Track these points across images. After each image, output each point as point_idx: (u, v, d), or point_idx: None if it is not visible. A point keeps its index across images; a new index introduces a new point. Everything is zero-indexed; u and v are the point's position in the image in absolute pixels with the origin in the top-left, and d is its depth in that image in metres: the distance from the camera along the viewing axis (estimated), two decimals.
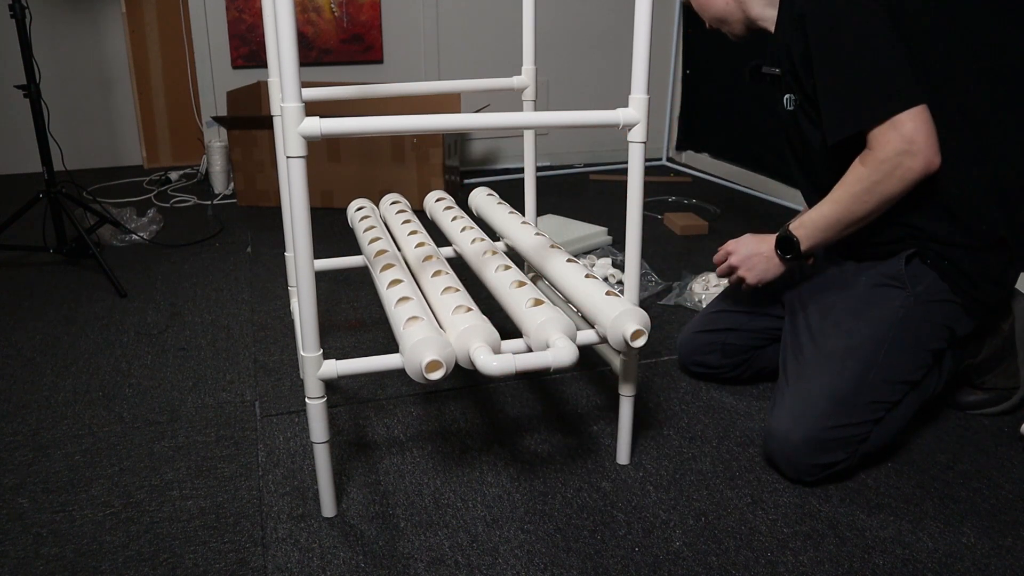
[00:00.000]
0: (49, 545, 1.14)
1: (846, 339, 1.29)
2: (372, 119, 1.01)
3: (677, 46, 3.66)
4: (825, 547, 1.13)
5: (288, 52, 0.94)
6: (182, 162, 3.64)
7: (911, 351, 1.29)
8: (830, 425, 1.22)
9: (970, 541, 1.14)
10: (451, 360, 1.07)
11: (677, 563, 1.10)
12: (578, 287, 1.23)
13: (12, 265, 2.33)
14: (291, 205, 1.01)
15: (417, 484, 1.28)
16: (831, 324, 1.32)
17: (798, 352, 1.34)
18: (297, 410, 1.51)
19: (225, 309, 2.01)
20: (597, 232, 2.45)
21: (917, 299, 1.30)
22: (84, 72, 3.49)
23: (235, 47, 3.31)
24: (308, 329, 1.08)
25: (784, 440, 1.24)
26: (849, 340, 1.28)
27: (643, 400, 1.54)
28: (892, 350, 1.27)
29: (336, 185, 2.90)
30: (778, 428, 1.25)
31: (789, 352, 1.37)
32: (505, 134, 3.66)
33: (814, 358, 1.30)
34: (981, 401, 1.46)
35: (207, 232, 2.66)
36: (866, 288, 1.34)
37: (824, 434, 1.22)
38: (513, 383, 1.62)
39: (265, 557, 1.12)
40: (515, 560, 1.11)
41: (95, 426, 1.46)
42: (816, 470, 1.24)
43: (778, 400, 1.30)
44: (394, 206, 1.66)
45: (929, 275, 1.30)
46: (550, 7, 3.49)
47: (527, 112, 1.40)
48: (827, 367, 1.27)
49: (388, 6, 3.38)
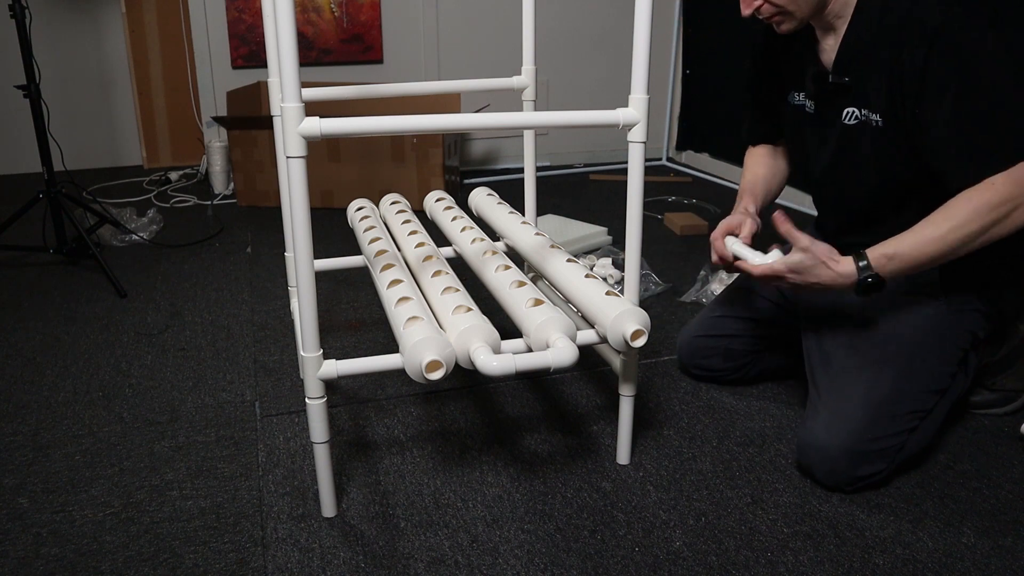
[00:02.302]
0: (49, 545, 1.14)
1: (881, 348, 1.26)
2: (372, 119, 1.01)
3: (677, 46, 3.66)
4: (825, 547, 1.13)
5: (288, 52, 0.94)
6: (182, 162, 3.64)
7: (944, 359, 1.28)
8: (869, 437, 1.20)
9: (970, 541, 1.14)
10: (451, 360, 1.07)
11: (677, 563, 1.10)
12: (578, 287, 1.23)
13: (12, 265, 2.33)
14: (291, 205, 1.01)
15: (417, 484, 1.28)
16: (863, 333, 1.30)
17: (827, 362, 1.31)
18: (297, 410, 1.51)
19: (225, 309, 2.01)
20: (597, 232, 2.44)
21: (950, 307, 1.29)
22: (84, 72, 3.49)
23: (235, 47, 3.31)
24: (308, 329, 1.08)
25: (823, 453, 1.22)
26: (885, 349, 1.26)
27: (643, 400, 1.54)
28: (928, 358, 1.26)
29: (336, 185, 2.90)
30: (815, 441, 1.23)
31: (816, 362, 1.33)
32: (505, 134, 3.66)
33: (847, 368, 1.27)
34: (989, 401, 1.45)
35: (207, 232, 2.66)
36: (898, 296, 1.31)
37: (864, 446, 1.20)
38: (513, 383, 1.62)
39: (265, 557, 1.12)
40: (515, 560, 1.11)
41: (95, 426, 1.46)
42: (856, 481, 1.22)
43: (811, 412, 1.27)
44: (394, 206, 1.66)
45: (961, 284, 1.29)
46: (550, 7, 3.49)
47: (527, 112, 1.40)
48: (863, 377, 1.24)
49: (388, 6, 3.38)
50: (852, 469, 1.21)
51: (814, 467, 1.24)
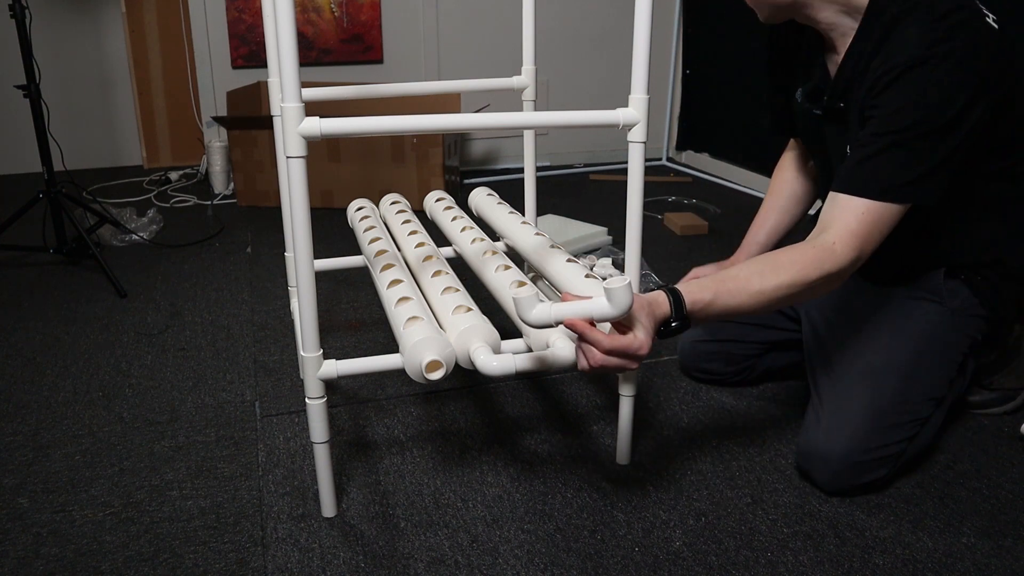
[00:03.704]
0: (49, 545, 1.14)
1: (885, 355, 1.25)
2: (372, 119, 1.01)
3: (677, 46, 3.66)
4: (825, 547, 1.13)
5: (288, 52, 0.94)
6: (182, 162, 3.64)
7: (945, 365, 1.27)
8: (871, 446, 1.20)
9: (970, 541, 1.14)
10: (451, 360, 1.07)
11: (677, 563, 1.10)
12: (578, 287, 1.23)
13: (12, 265, 2.33)
14: (291, 205, 1.01)
15: (417, 484, 1.28)
16: (865, 338, 1.29)
17: (828, 367, 1.30)
18: (297, 410, 1.51)
19: (225, 309, 2.01)
20: (597, 232, 2.44)
21: (953, 313, 1.28)
22: (84, 72, 3.49)
23: (235, 47, 3.31)
24: (308, 329, 1.08)
25: (824, 461, 1.21)
26: (888, 356, 1.25)
27: (643, 400, 1.54)
28: (931, 366, 1.25)
29: (336, 185, 2.90)
30: (816, 449, 1.22)
31: (818, 366, 1.32)
32: (505, 134, 3.66)
33: (850, 374, 1.26)
34: (987, 401, 1.45)
35: (207, 232, 2.66)
36: (901, 301, 1.30)
37: (866, 455, 1.19)
38: (513, 383, 1.62)
39: (265, 557, 1.12)
40: (515, 560, 1.11)
41: (95, 426, 1.46)
42: (858, 488, 1.22)
43: (813, 418, 1.26)
44: (394, 206, 1.66)
45: (963, 290, 1.28)
46: (550, 7, 3.49)
47: (527, 112, 1.40)
48: (866, 384, 1.23)
49: (388, 6, 3.38)
50: (854, 477, 1.21)
51: (815, 474, 1.24)
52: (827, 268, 1.08)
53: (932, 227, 1.24)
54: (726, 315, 1.08)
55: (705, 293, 1.05)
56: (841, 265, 1.08)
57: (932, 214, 1.18)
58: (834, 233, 1.09)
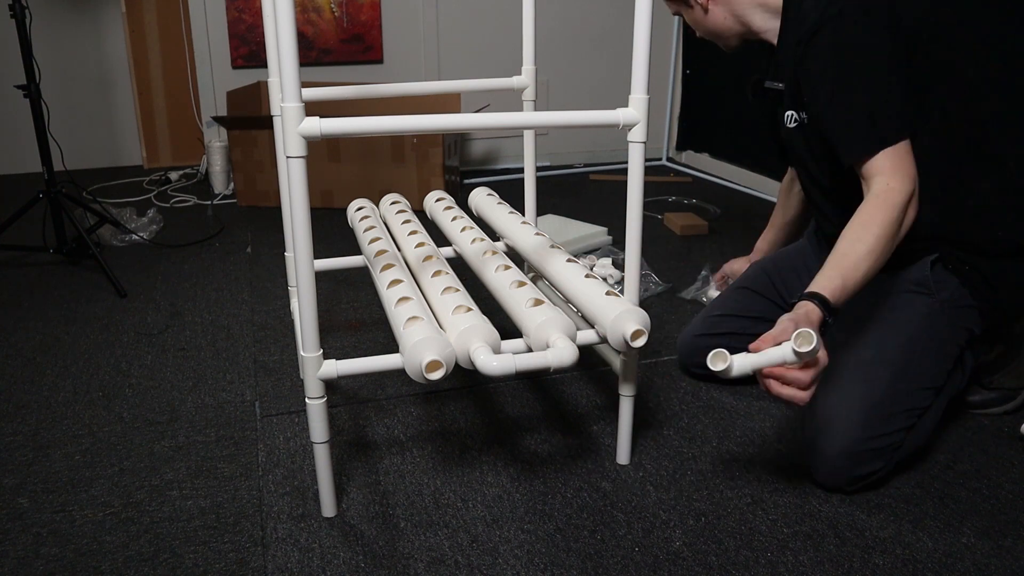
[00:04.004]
0: (49, 545, 1.14)
1: (875, 348, 1.27)
2: (372, 119, 1.01)
3: (677, 46, 3.66)
4: (825, 547, 1.13)
5: (288, 52, 0.94)
6: (182, 162, 3.64)
7: (938, 356, 1.28)
8: (866, 436, 1.20)
9: (970, 541, 1.14)
10: (451, 360, 1.07)
11: (677, 563, 1.10)
12: (578, 287, 1.23)
13: (12, 265, 2.33)
14: (291, 205, 1.01)
15: (417, 484, 1.28)
16: (857, 333, 1.30)
17: None
18: (297, 410, 1.51)
19: (225, 309, 2.01)
20: (597, 232, 2.45)
21: (943, 305, 1.29)
22: (84, 72, 3.49)
23: (235, 47, 3.31)
24: (308, 329, 1.08)
25: (820, 454, 1.22)
26: (879, 349, 1.26)
27: (643, 400, 1.54)
28: (922, 357, 1.26)
29: (336, 185, 2.90)
30: (812, 442, 1.23)
31: None
32: (505, 134, 3.66)
33: (843, 368, 1.26)
34: (987, 400, 1.45)
35: (207, 232, 2.66)
36: (891, 295, 1.32)
37: (860, 446, 1.20)
38: (513, 383, 1.62)
39: (265, 557, 1.12)
40: (515, 560, 1.11)
41: (95, 426, 1.46)
42: (855, 480, 1.22)
43: (809, 413, 1.27)
44: (394, 206, 1.66)
45: (952, 281, 1.30)
46: (550, 7, 3.49)
47: (527, 112, 1.40)
48: (858, 377, 1.24)
49: (388, 6, 3.38)
50: (850, 469, 1.21)
51: (812, 468, 1.25)
52: (899, 200, 1.17)
53: None
54: (858, 288, 1.16)
55: (835, 281, 1.14)
56: (908, 192, 1.18)
57: None
58: (882, 180, 1.19)
